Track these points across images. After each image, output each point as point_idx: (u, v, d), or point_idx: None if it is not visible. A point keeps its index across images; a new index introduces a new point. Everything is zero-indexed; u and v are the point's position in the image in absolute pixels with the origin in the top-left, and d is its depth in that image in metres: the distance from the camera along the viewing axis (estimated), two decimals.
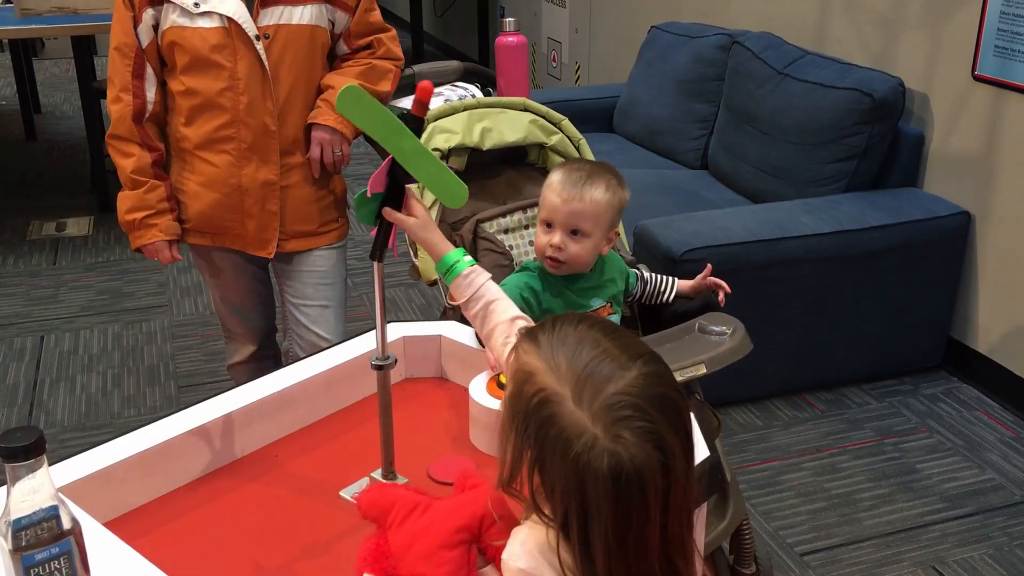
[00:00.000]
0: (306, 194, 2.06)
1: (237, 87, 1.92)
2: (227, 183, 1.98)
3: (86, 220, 4.19)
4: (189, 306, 3.40)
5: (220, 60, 1.90)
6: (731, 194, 3.25)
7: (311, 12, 1.96)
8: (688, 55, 3.62)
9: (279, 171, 2.00)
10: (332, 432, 1.44)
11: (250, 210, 2.01)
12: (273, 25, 1.93)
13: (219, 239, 2.07)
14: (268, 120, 1.96)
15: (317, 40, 1.99)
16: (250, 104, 1.93)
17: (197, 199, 2.01)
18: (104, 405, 2.78)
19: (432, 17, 7.39)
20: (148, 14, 1.90)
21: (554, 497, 0.87)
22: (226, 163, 1.97)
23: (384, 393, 1.21)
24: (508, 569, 0.91)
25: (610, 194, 1.66)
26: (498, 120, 2.00)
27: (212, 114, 1.94)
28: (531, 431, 0.88)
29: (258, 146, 1.97)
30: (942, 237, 2.79)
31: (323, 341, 2.12)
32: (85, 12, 4.01)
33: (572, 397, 0.87)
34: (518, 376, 0.91)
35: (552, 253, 1.65)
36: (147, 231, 2.00)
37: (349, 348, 1.52)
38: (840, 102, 2.87)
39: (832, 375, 2.84)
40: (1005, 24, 2.62)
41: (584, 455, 0.84)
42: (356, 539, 1.19)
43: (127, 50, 1.92)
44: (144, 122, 1.96)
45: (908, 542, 2.20)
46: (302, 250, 2.10)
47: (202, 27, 1.89)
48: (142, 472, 1.24)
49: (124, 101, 1.94)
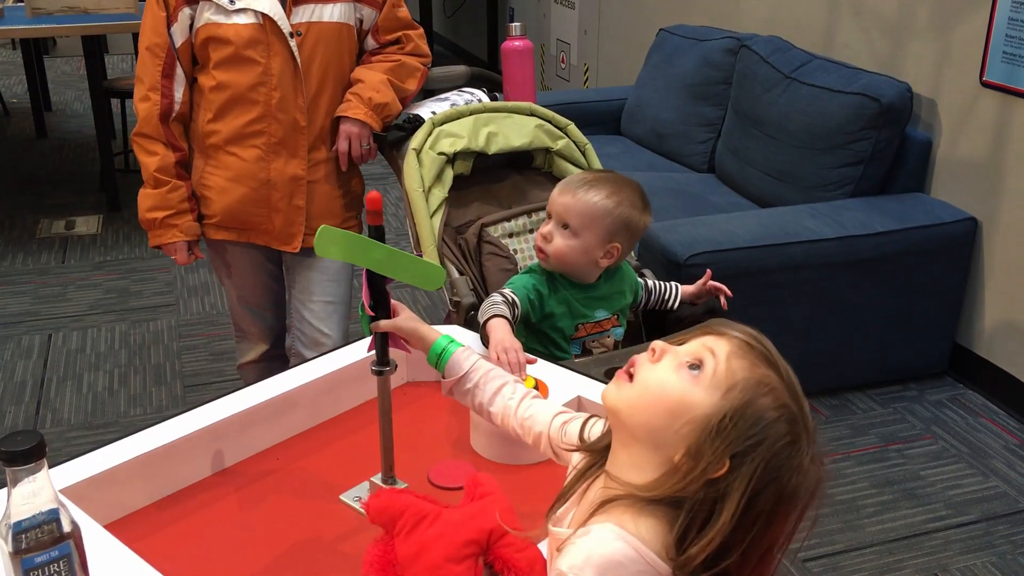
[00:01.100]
0: (331, 189, 2.10)
1: (270, 83, 1.95)
2: (256, 177, 2.01)
3: (95, 219, 4.22)
4: (196, 305, 3.42)
5: (255, 56, 1.94)
6: (737, 198, 3.25)
7: (341, 10, 2.00)
8: (696, 58, 3.62)
9: (307, 166, 2.04)
10: (334, 435, 1.44)
11: (277, 204, 2.04)
12: (305, 23, 1.97)
13: (244, 234, 2.09)
14: (298, 116, 1.99)
15: (345, 37, 2.04)
16: (282, 100, 1.97)
17: (224, 194, 2.03)
18: (111, 404, 2.80)
19: (442, 17, 7.41)
20: (184, 13, 1.93)
21: (728, 503, 0.84)
22: (255, 157, 2.00)
23: (384, 398, 1.22)
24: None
25: (609, 202, 1.64)
26: (504, 124, 2.00)
27: (243, 108, 1.97)
28: (757, 439, 0.86)
29: (287, 141, 2.01)
30: (948, 243, 2.78)
31: (326, 338, 2.13)
32: (96, 11, 4.04)
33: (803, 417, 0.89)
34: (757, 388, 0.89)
35: (539, 242, 1.69)
36: (167, 231, 2.03)
37: (352, 351, 1.52)
38: (847, 107, 2.86)
39: (837, 381, 2.84)
40: (1013, 31, 2.61)
41: (798, 473, 0.87)
42: (356, 542, 1.20)
43: (158, 50, 1.95)
44: (171, 122, 2.00)
45: (911, 549, 2.19)
46: None
47: (237, 23, 1.93)
48: (144, 474, 1.25)
49: (152, 100, 1.97)
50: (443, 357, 1.20)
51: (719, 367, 0.89)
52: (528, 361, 1.47)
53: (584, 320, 1.73)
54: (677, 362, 0.91)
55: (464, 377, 1.19)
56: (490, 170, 2.03)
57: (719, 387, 0.88)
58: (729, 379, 0.89)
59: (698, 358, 0.91)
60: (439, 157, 1.91)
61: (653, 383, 0.90)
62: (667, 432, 0.88)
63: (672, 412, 0.88)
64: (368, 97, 2.00)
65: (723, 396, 0.88)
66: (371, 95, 2.00)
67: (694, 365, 0.90)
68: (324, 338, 2.13)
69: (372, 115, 2.02)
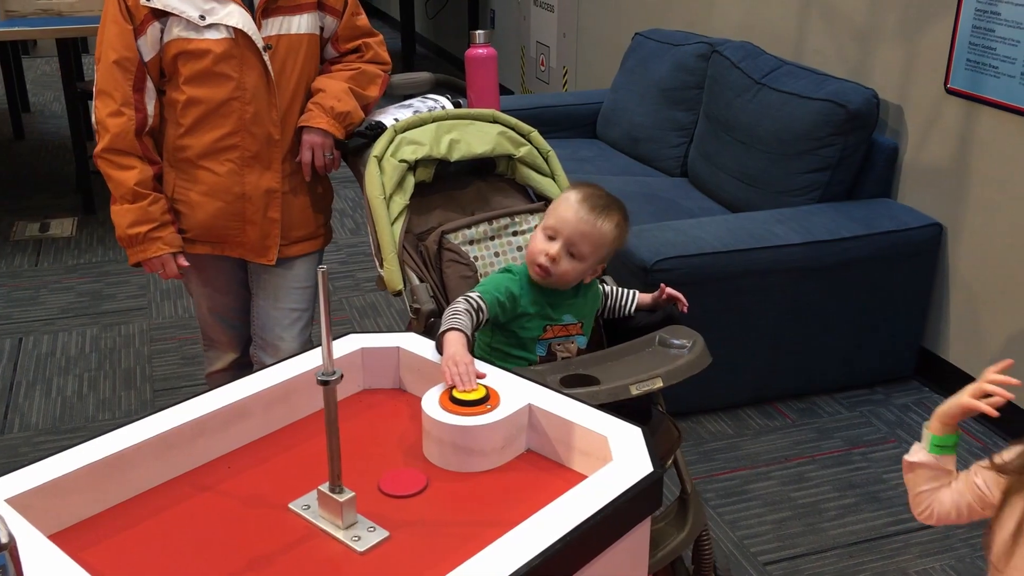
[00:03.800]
0: (304, 199, 2.10)
1: (244, 97, 1.95)
2: (230, 191, 2.01)
3: (70, 221, 4.20)
4: (169, 309, 3.41)
5: (228, 71, 1.93)
6: (709, 203, 3.27)
7: (307, 20, 2.01)
8: (670, 63, 3.64)
9: (281, 178, 2.03)
10: (288, 444, 1.45)
11: (252, 217, 2.04)
12: (275, 35, 1.97)
13: (219, 247, 2.09)
14: (272, 129, 2.00)
15: (312, 47, 2.04)
16: (256, 114, 1.97)
17: (199, 209, 2.02)
18: (79, 408, 2.80)
19: (424, 19, 7.41)
20: (153, 27, 1.90)
21: None
22: (229, 172, 2.00)
23: (330, 408, 1.23)
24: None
25: (618, 231, 1.73)
26: (466, 132, 2.01)
27: (216, 123, 1.96)
28: None
29: (262, 155, 2.01)
30: (914, 248, 2.81)
31: (287, 345, 2.14)
32: (70, 14, 4.03)
33: None
34: None
35: (544, 261, 1.69)
36: (151, 244, 2.00)
37: (308, 359, 1.53)
38: (815, 113, 2.89)
39: (804, 385, 2.86)
40: (977, 38, 2.64)
41: None
42: (303, 551, 1.21)
43: (128, 64, 1.91)
44: (144, 136, 1.97)
45: (871, 552, 2.22)
46: (302, 255, 2.13)
47: (209, 38, 1.91)
48: (92, 484, 1.25)
49: (127, 115, 1.93)
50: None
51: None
52: (478, 375, 1.48)
53: (553, 322, 1.76)
54: None
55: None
56: (453, 177, 2.04)
57: None
58: None
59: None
60: (400, 164, 1.92)
61: None
62: None
63: None
64: (330, 106, 2.01)
65: None
66: (333, 104, 2.01)
67: None
68: (285, 345, 2.14)
69: (335, 124, 2.02)
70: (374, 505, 1.28)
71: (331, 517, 1.23)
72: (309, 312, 2.21)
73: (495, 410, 1.36)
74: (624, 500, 1.19)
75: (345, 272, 3.64)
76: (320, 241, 2.17)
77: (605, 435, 1.31)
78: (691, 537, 1.84)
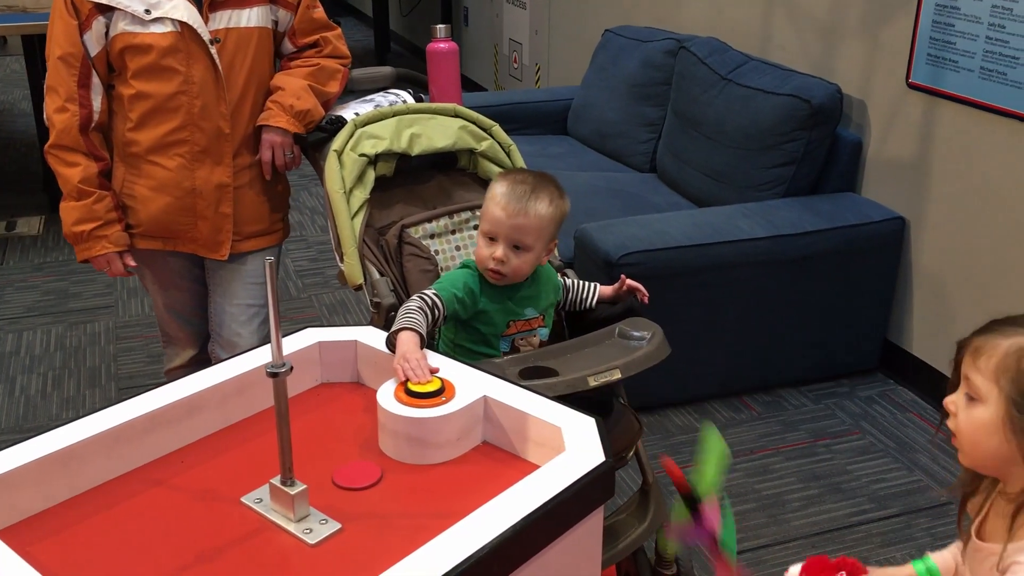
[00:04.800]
0: (257, 195, 2.09)
1: (191, 91, 1.94)
2: (180, 186, 2.00)
3: (37, 220, 4.17)
4: (136, 307, 3.39)
5: (174, 65, 1.92)
6: (677, 198, 3.29)
7: (258, 14, 1.99)
8: (638, 59, 3.65)
9: (232, 173, 2.02)
10: (243, 438, 1.45)
11: (203, 212, 2.03)
12: (223, 29, 1.95)
13: (170, 243, 2.07)
14: (222, 123, 1.98)
15: (264, 41, 2.02)
16: (204, 108, 1.95)
17: (148, 203, 2.01)
18: (42, 407, 2.77)
19: (398, 16, 7.39)
20: (99, 21, 1.89)
21: None
22: (178, 166, 1.98)
23: (280, 400, 1.22)
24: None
25: (553, 208, 1.69)
26: (428, 126, 2.01)
27: (164, 117, 1.95)
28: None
29: (211, 149, 1.99)
30: (877, 242, 2.84)
31: (244, 341, 2.13)
32: (35, 11, 3.99)
33: None
34: None
35: (494, 266, 1.68)
36: (96, 243, 1.99)
37: (262, 354, 1.52)
38: (779, 108, 2.91)
39: (770, 377, 2.88)
40: (937, 33, 2.67)
41: None
42: (254, 544, 1.20)
43: (72, 60, 1.91)
44: (91, 131, 1.96)
45: (833, 542, 2.24)
46: (254, 250, 2.12)
47: (155, 32, 1.89)
48: (40, 479, 1.24)
49: (71, 111, 1.92)
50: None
51: (978, 380, 1.12)
52: (432, 370, 1.47)
53: (515, 317, 1.76)
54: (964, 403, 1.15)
55: None
56: (414, 171, 2.04)
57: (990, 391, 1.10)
58: (992, 378, 1.10)
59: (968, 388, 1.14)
60: (361, 159, 1.92)
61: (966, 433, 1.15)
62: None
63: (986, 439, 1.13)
64: (289, 104, 2.00)
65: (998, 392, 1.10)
66: (292, 102, 2.00)
67: (970, 396, 1.14)
68: (241, 340, 2.13)
69: (294, 122, 2.01)
70: (328, 498, 1.27)
71: (283, 510, 1.23)
72: (265, 308, 2.20)
73: (450, 402, 1.36)
74: (575, 489, 1.19)
75: (315, 269, 3.62)
76: (276, 236, 2.16)
77: (559, 426, 1.31)
78: (652, 528, 1.85)
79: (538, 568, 1.17)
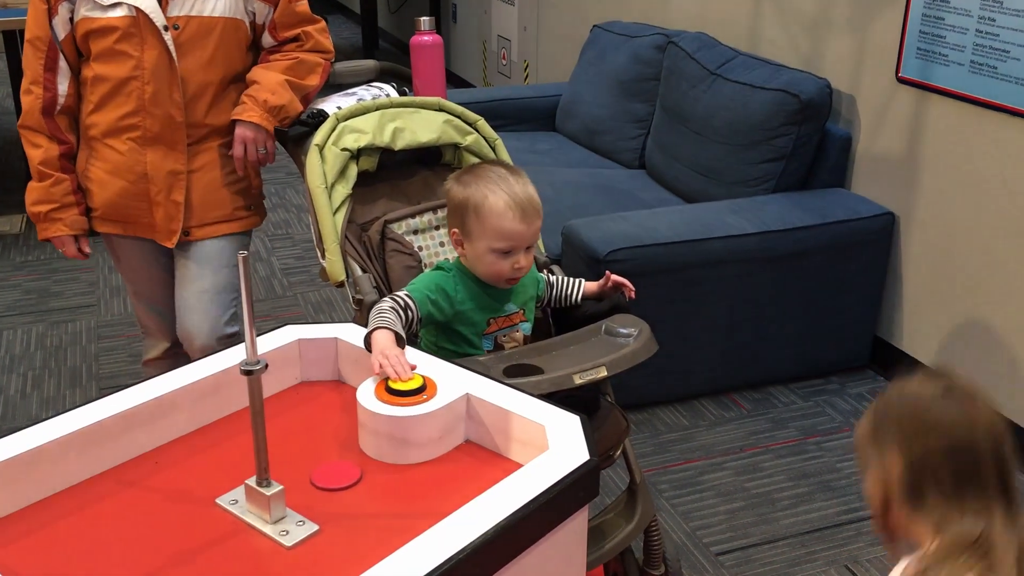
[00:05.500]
0: (214, 181, 2.07)
1: (143, 76, 1.94)
2: (132, 171, 2.00)
3: (19, 218, 4.12)
4: (118, 306, 3.35)
5: (127, 49, 1.93)
6: (666, 194, 3.26)
7: (225, 4, 1.98)
8: (627, 55, 3.62)
9: (185, 160, 2.01)
10: (218, 438, 1.41)
11: (156, 199, 2.03)
12: (184, 16, 1.94)
13: (129, 228, 2.08)
14: (174, 111, 1.97)
15: (232, 32, 2.00)
16: (155, 94, 1.95)
17: (104, 187, 2.03)
18: (22, 407, 2.73)
19: (386, 13, 7.35)
20: (64, 7, 1.93)
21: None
22: (130, 150, 1.99)
23: (255, 399, 1.19)
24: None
25: (533, 185, 1.70)
26: (411, 120, 1.98)
27: (119, 101, 1.97)
28: None
29: (164, 136, 1.99)
30: (867, 238, 2.82)
31: (196, 328, 2.09)
32: (14, 5, 3.93)
33: None
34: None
35: (519, 275, 1.68)
36: (52, 224, 2.03)
37: (239, 352, 1.49)
38: (768, 103, 2.88)
39: (760, 375, 2.86)
40: (927, 27, 2.65)
41: None
42: (230, 546, 1.17)
43: (39, 43, 1.95)
44: (56, 115, 1.99)
45: (822, 541, 2.22)
46: (213, 236, 2.09)
47: (111, 16, 1.92)
48: (9, 479, 1.21)
49: (35, 94, 1.97)
50: None
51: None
52: (411, 366, 1.44)
53: (495, 314, 1.73)
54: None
55: None
56: (398, 166, 2.00)
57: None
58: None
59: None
60: (343, 153, 1.88)
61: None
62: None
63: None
64: (264, 99, 1.98)
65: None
66: (267, 97, 1.98)
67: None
68: (195, 328, 2.09)
69: (268, 117, 2.00)
70: (306, 499, 1.24)
71: (259, 511, 1.20)
72: (225, 296, 2.13)
73: (431, 400, 1.33)
74: (559, 489, 1.16)
75: (301, 267, 3.59)
76: (239, 224, 2.12)
77: (543, 424, 1.28)
78: (640, 527, 1.83)
79: (520, 569, 1.14)
